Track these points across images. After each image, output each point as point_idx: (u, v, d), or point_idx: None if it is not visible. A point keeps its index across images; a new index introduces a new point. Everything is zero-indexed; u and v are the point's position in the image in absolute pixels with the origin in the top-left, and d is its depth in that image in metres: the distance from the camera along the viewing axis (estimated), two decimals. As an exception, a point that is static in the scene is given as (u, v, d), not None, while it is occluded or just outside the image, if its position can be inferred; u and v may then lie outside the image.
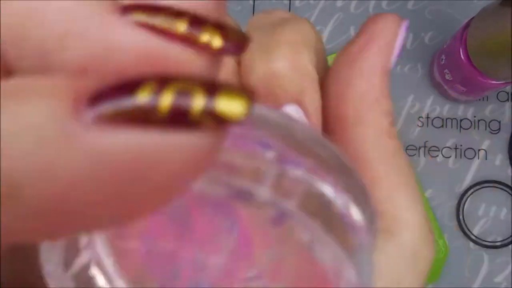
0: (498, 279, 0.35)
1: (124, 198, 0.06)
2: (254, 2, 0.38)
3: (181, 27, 0.07)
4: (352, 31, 0.37)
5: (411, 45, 0.37)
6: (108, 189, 0.06)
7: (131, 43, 0.06)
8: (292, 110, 0.12)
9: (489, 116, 0.36)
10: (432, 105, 0.36)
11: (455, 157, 0.36)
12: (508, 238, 0.35)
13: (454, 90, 0.33)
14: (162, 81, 0.06)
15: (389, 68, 0.13)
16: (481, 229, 0.35)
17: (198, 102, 0.06)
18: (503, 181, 0.35)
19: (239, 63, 0.14)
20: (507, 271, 0.35)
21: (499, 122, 0.36)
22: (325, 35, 0.37)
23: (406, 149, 0.36)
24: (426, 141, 0.36)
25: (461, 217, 0.35)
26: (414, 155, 0.36)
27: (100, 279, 0.10)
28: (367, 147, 0.13)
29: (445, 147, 0.36)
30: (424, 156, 0.36)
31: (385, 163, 0.13)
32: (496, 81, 0.29)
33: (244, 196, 0.09)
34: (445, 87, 0.34)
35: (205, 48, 0.07)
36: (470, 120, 0.36)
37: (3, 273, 0.12)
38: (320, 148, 0.10)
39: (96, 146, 0.06)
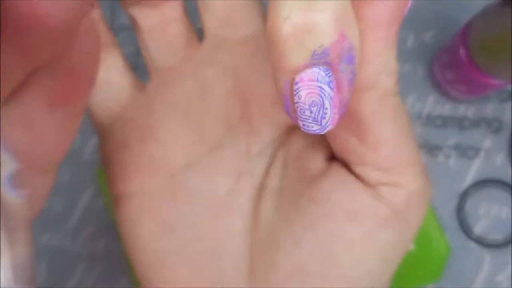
0: (499, 278, 0.35)
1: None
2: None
3: None
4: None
5: (411, 45, 0.37)
6: None
7: None
8: (321, 71, 0.11)
9: (490, 116, 0.36)
10: (433, 104, 0.36)
11: (456, 156, 0.36)
12: (509, 237, 0.35)
13: (455, 90, 0.33)
14: None
15: (398, 21, 0.12)
16: (482, 229, 0.35)
17: None
18: (504, 180, 0.35)
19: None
20: (508, 270, 0.35)
21: (500, 121, 0.36)
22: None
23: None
24: (427, 141, 0.36)
25: (462, 216, 0.35)
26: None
27: None
28: (373, 109, 0.13)
29: (445, 147, 0.36)
30: (425, 155, 0.36)
31: (391, 122, 0.14)
32: (497, 80, 0.29)
33: None
34: (446, 86, 0.34)
35: None
36: (471, 120, 0.36)
37: None
38: None
39: None
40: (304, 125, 0.12)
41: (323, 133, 0.12)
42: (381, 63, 0.13)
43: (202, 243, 0.16)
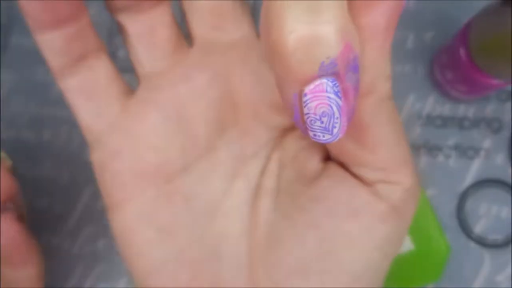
0: (499, 278, 0.35)
1: None
2: (254, 1, 0.38)
3: None
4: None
5: (411, 45, 0.37)
6: None
7: None
8: (329, 81, 0.11)
9: (490, 116, 0.36)
10: (433, 104, 0.36)
11: (456, 156, 0.36)
12: (509, 237, 0.35)
13: (455, 90, 0.33)
14: None
15: (393, 27, 0.13)
16: (482, 228, 0.35)
17: None
18: (504, 180, 0.35)
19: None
20: (508, 270, 0.35)
21: (500, 121, 0.36)
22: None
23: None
24: (427, 141, 0.36)
25: (462, 216, 0.35)
26: (414, 154, 0.36)
27: None
28: (371, 113, 0.14)
29: (445, 147, 0.36)
30: (425, 155, 0.36)
31: (388, 124, 0.14)
32: (497, 80, 0.29)
33: None
34: (446, 86, 0.34)
35: None
36: (471, 120, 0.36)
37: None
38: None
39: None
40: (315, 135, 0.12)
41: (333, 141, 0.12)
42: (378, 69, 0.13)
43: (201, 247, 0.16)
